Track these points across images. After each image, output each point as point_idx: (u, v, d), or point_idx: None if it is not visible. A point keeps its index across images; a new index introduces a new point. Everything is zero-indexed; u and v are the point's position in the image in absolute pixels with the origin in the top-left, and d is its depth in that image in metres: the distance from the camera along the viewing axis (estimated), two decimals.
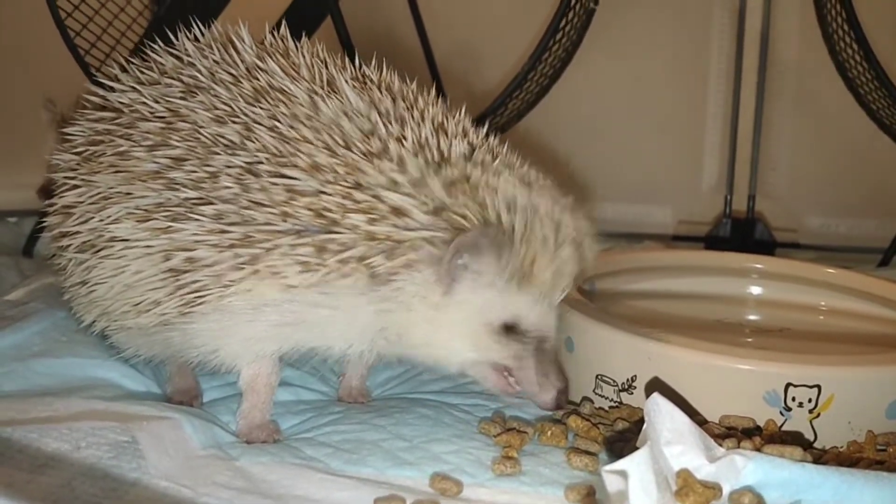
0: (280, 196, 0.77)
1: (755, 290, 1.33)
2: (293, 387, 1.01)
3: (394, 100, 0.84)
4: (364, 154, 0.78)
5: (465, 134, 0.84)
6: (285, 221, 0.77)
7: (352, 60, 0.89)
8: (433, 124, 0.82)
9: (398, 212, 0.77)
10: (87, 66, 1.47)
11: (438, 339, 0.81)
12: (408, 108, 0.84)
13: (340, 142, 0.79)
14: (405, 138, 0.80)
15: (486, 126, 0.88)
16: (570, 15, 1.66)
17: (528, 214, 0.78)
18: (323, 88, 0.83)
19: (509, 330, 0.81)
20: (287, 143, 0.79)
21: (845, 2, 1.63)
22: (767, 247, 2.09)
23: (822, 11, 1.76)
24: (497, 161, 0.82)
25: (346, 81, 0.84)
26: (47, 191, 1.45)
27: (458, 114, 0.87)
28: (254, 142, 0.80)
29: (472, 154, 0.81)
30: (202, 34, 0.92)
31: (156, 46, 0.93)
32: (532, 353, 0.81)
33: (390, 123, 0.81)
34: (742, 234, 2.12)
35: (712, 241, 2.13)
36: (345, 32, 1.48)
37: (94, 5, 1.52)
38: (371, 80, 0.87)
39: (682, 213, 2.20)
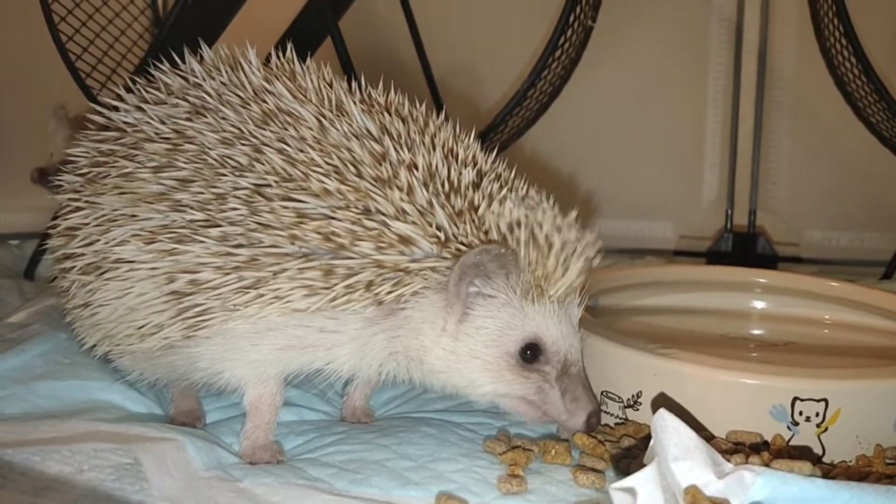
0: (289, 218, 0.77)
1: (759, 304, 1.33)
2: (296, 407, 1.00)
3: (404, 122, 0.84)
4: (374, 180, 0.78)
5: (474, 161, 0.84)
6: (293, 244, 0.77)
7: (354, 81, 0.89)
8: (443, 150, 0.83)
9: (405, 241, 0.77)
10: (88, 89, 1.48)
11: (458, 368, 0.81)
12: (418, 132, 0.84)
13: (351, 167, 0.79)
14: (416, 166, 0.80)
15: (494, 150, 0.88)
16: (569, 32, 1.67)
17: (531, 230, 0.79)
18: (332, 112, 0.83)
19: (532, 355, 0.81)
20: (296, 165, 0.79)
21: (842, 16, 1.64)
22: (769, 261, 2.09)
23: (820, 25, 1.77)
24: (504, 188, 0.82)
25: (354, 104, 0.84)
26: (44, 173, 1.46)
27: (467, 138, 0.87)
28: (263, 164, 0.80)
29: (480, 183, 0.81)
30: (209, 56, 0.92)
31: (162, 67, 0.93)
32: (555, 382, 0.82)
33: (401, 148, 0.81)
34: (743, 248, 2.13)
35: (714, 256, 2.14)
36: (345, 52, 1.48)
37: (95, 29, 1.53)
38: (378, 103, 0.87)
39: (684, 229, 2.20)
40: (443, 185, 0.79)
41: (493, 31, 2.18)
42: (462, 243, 0.77)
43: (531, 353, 0.81)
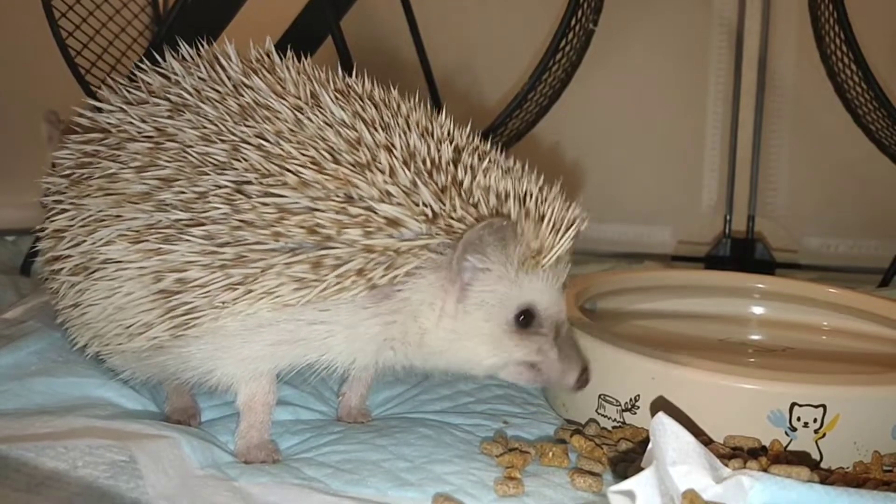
0: (271, 215, 0.76)
1: (757, 309, 1.33)
2: (292, 406, 1.00)
3: (376, 107, 0.84)
4: (353, 166, 0.78)
5: (450, 137, 0.84)
6: (277, 241, 0.76)
7: (332, 71, 0.89)
8: (418, 128, 0.82)
9: (393, 223, 0.76)
10: (88, 86, 1.48)
11: (460, 345, 0.81)
12: (392, 115, 0.84)
13: (327, 155, 0.78)
14: (394, 147, 0.79)
15: (468, 126, 0.87)
16: (570, 35, 1.67)
17: (521, 201, 0.79)
18: (307, 103, 0.83)
19: (527, 321, 0.81)
20: (274, 160, 0.78)
21: (843, 22, 1.64)
22: (767, 267, 2.09)
23: (820, 32, 1.78)
24: (484, 160, 0.82)
25: (329, 94, 0.84)
26: None
27: (440, 115, 0.87)
28: (241, 161, 0.79)
29: (459, 157, 0.81)
30: (190, 53, 0.92)
31: (144, 66, 0.92)
32: (552, 343, 0.83)
33: (377, 131, 0.80)
34: (742, 254, 2.13)
35: (712, 262, 2.14)
36: (346, 52, 1.48)
37: (95, 25, 1.53)
38: (355, 91, 0.87)
39: (682, 234, 2.21)
40: (424, 163, 0.79)
41: (494, 33, 2.18)
42: (452, 218, 0.77)
43: (524, 319, 0.81)
